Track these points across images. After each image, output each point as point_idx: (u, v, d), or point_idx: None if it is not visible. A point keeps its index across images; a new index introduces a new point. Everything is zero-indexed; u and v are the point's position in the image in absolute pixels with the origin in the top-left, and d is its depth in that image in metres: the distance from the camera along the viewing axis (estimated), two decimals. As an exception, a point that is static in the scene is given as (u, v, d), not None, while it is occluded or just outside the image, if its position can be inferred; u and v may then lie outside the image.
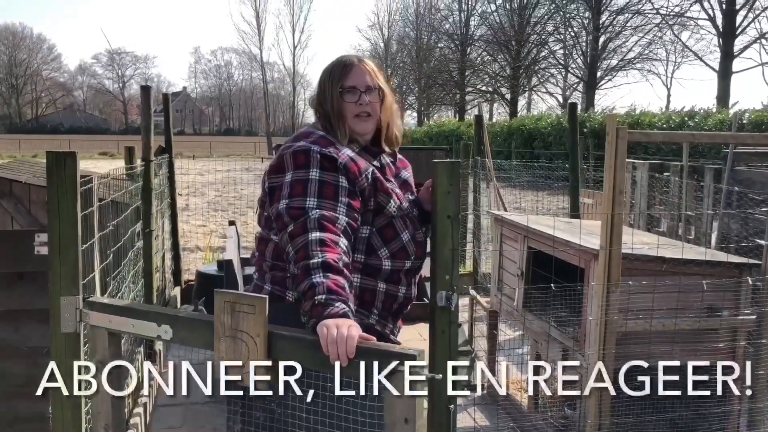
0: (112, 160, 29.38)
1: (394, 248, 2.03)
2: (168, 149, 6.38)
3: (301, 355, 1.76)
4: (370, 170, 2.00)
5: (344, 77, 2.05)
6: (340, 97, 2.04)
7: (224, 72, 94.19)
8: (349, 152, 1.99)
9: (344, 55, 2.11)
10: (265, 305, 1.74)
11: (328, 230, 1.80)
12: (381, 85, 2.09)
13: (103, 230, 3.48)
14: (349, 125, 2.04)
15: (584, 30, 36.98)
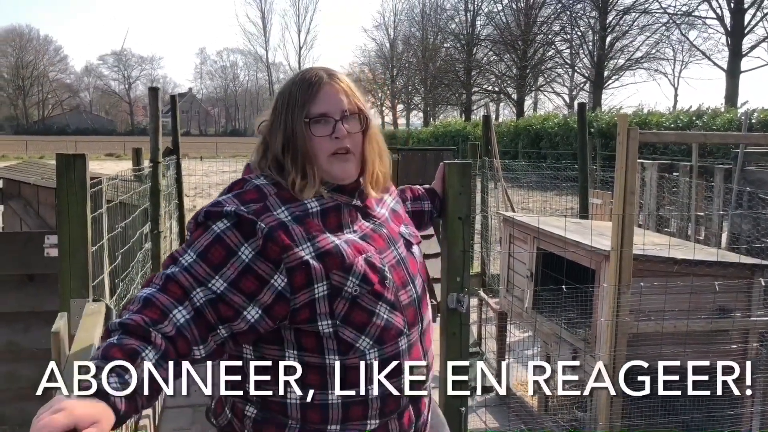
0: (119, 161, 29.48)
1: (375, 333, 1.43)
2: (175, 150, 6.39)
3: None
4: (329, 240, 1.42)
5: (311, 101, 1.45)
6: (306, 130, 1.44)
7: (230, 73, 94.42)
8: (295, 210, 1.43)
9: (308, 70, 1.51)
10: None
11: (168, 291, 1.31)
12: (361, 107, 1.50)
13: (112, 232, 3.48)
14: (324, 168, 1.46)
15: (591, 29, 36.90)
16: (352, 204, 1.51)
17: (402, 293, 1.48)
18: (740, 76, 29.26)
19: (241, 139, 69.22)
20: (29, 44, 78.69)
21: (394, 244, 1.53)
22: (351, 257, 1.41)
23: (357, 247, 1.44)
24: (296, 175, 1.45)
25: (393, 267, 1.48)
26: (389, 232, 1.54)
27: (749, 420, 3.42)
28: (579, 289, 3.53)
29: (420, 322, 1.51)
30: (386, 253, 1.49)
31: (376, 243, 1.49)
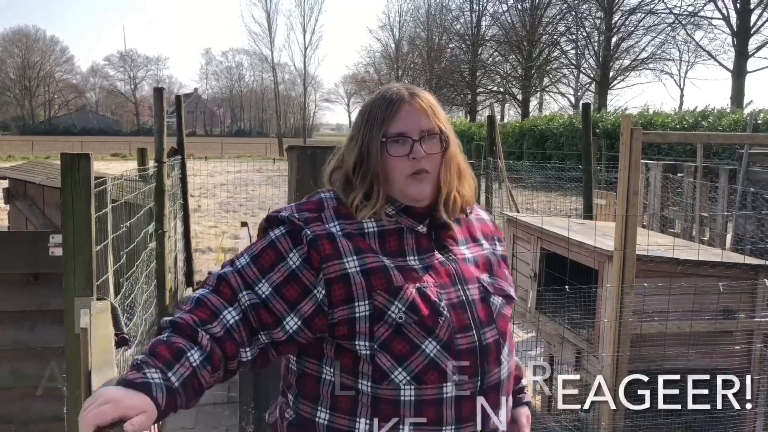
0: (124, 162, 29.57)
1: (416, 367, 1.34)
2: (180, 150, 6.41)
3: None
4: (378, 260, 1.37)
5: (389, 120, 1.41)
6: (382, 149, 1.40)
7: (235, 73, 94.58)
8: (348, 226, 1.40)
9: (389, 87, 1.47)
10: None
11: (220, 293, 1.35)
12: (442, 127, 1.43)
13: (117, 231, 3.50)
14: (399, 189, 1.41)
15: (596, 30, 36.85)
16: (417, 229, 1.43)
17: (460, 337, 1.35)
18: (746, 76, 29.18)
19: (246, 139, 69.36)
20: (35, 45, 79.00)
21: (462, 284, 1.40)
22: (400, 281, 1.35)
23: (413, 275, 1.36)
24: (360, 193, 1.41)
25: (453, 306, 1.37)
26: (462, 271, 1.41)
27: (753, 420, 3.42)
28: (582, 289, 3.53)
29: (480, 376, 1.36)
30: (449, 289, 1.38)
31: (439, 277, 1.39)
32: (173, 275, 5.80)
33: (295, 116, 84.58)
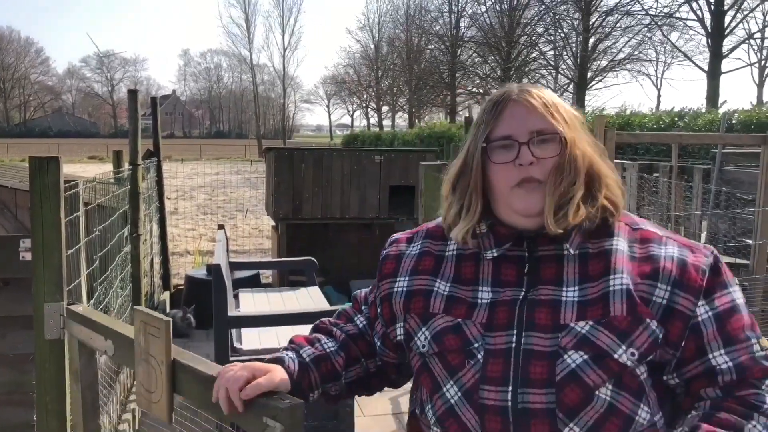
0: (102, 164, 29.25)
1: (438, 409, 1.20)
2: (156, 153, 6.35)
3: (195, 392, 1.41)
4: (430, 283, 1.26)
5: (494, 122, 1.21)
6: (483, 156, 1.21)
7: (214, 74, 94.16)
8: (432, 246, 1.31)
9: (502, 86, 1.27)
10: (167, 328, 1.46)
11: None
12: (560, 127, 1.18)
13: (90, 235, 3.45)
14: (504, 201, 1.21)
15: (574, 31, 37.12)
16: (509, 254, 1.21)
17: (487, 389, 1.13)
18: (721, 77, 29.56)
19: (225, 141, 69.03)
20: (10, 46, 78.01)
21: (522, 329, 1.15)
22: (437, 309, 1.22)
23: (461, 309, 1.20)
24: (454, 210, 1.24)
25: (492, 352, 1.15)
26: (532, 315, 1.15)
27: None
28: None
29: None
30: (498, 333, 1.16)
31: (495, 316, 1.17)
32: (149, 279, 5.75)
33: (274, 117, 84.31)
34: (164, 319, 1.47)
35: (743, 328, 1.15)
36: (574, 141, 1.19)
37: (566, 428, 1.10)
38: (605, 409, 1.10)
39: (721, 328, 1.13)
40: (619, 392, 1.11)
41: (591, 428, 1.10)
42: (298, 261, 5.62)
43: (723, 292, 1.16)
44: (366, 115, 69.00)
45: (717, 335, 1.13)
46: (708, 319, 1.14)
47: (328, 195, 6.89)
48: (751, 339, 1.14)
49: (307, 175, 6.83)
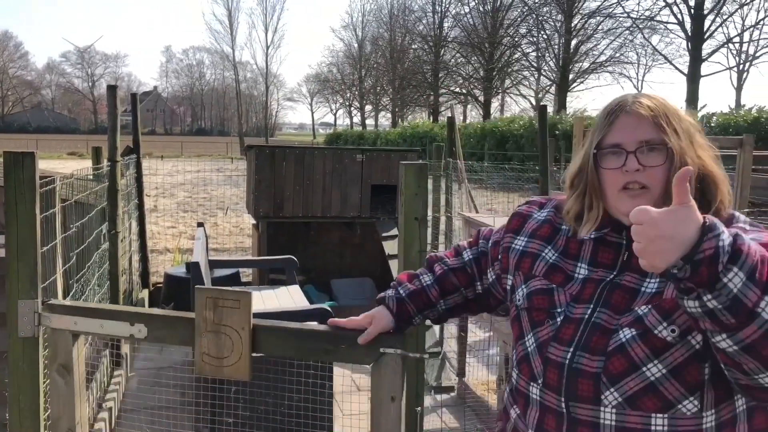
0: (81, 160, 28.96)
1: (519, 354, 1.43)
2: (136, 149, 6.30)
3: (286, 346, 1.84)
4: (542, 249, 1.45)
5: (607, 130, 1.34)
6: (594, 161, 1.35)
7: (196, 71, 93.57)
8: (543, 215, 1.52)
9: (620, 95, 1.39)
10: (249, 300, 1.81)
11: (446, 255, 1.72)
12: (668, 138, 1.29)
13: (67, 232, 3.42)
14: (612, 204, 1.35)
15: (557, 33, 37.37)
16: (609, 239, 1.36)
17: (555, 347, 1.32)
18: (700, 80, 29.91)
19: (207, 138, 68.58)
20: (-12, 40, 76.90)
21: (598, 306, 1.31)
22: (539, 272, 1.42)
23: (559, 277, 1.38)
24: (575, 205, 1.40)
25: (569, 319, 1.33)
26: (611, 297, 1.30)
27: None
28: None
29: (565, 397, 1.29)
30: (581, 305, 1.33)
31: (583, 291, 1.34)
32: (128, 276, 5.70)
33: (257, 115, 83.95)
34: (245, 291, 1.83)
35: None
36: (684, 150, 1.29)
37: (607, 391, 1.25)
38: (646, 385, 1.22)
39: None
40: (669, 378, 1.21)
41: (629, 398, 1.23)
42: (278, 260, 5.59)
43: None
44: (349, 114, 68.98)
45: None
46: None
47: (309, 193, 6.87)
48: None
49: (288, 174, 6.81)
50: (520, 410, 1.41)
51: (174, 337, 1.95)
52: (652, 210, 1.05)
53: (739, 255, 1.01)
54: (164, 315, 1.98)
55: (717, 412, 1.22)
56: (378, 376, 1.78)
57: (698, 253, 1.02)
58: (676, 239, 1.03)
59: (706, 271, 1.02)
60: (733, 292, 1.01)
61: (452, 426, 3.87)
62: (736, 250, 1.02)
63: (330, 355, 1.79)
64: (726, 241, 1.02)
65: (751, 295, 1.01)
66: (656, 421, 1.22)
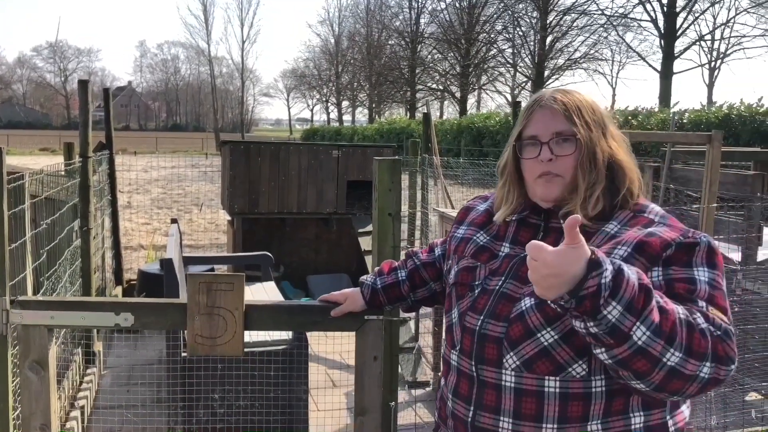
0: (54, 156, 28.53)
1: (447, 324, 1.60)
2: (108, 145, 6.22)
3: (278, 321, 2.10)
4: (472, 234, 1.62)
5: (525, 123, 1.50)
6: (514, 152, 1.52)
7: (171, 66, 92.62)
8: (484, 206, 1.67)
9: (539, 92, 1.56)
10: (242, 282, 1.99)
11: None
12: (578, 130, 1.43)
13: (37, 228, 3.37)
14: (531, 189, 1.51)
15: (532, 29, 37.59)
16: (529, 221, 1.51)
17: (470, 316, 1.48)
18: (673, 77, 30.28)
19: (182, 134, 67.91)
20: (-43, 33, 75.40)
21: (508, 278, 1.45)
22: (468, 253, 1.57)
23: (485, 256, 1.53)
24: (499, 193, 1.58)
25: (485, 291, 1.48)
26: (521, 267, 1.43)
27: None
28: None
29: (475, 361, 1.44)
30: (497, 278, 1.47)
31: (502, 265, 1.48)
32: (101, 273, 5.64)
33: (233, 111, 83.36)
34: (239, 274, 2.01)
35: (690, 291, 1.28)
36: (594, 141, 1.44)
37: (508, 355, 1.39)
38: (540, 350, 1.35)
39: (669, 286, 1.28)
40: (560, 343, 1.34)
41: (526, 361, 1.37)
42: (253, 256, 5.57)
43: (684, 267, 1.31)
44: (326, 109, 68.75)
45: (662, 290, 1.27)
46: (657, 282, 1.29)
47: (285, 189, 6.85)
48: (696, 302, 1.26)
49: (263, 169, 6.78)
50: (444, 376, 1.56)
51: (163, 323, 2.12)
52: (545, 249, 1.16)
53: (618, 290, 1.14)
54: (152, 302, 2.09)
55: (607, 379, 1.33)
56: (363, 340, 2.05)
57: (583, 289, 1.14)
58: (565, 277, 1.15)
59: (589, 304, 1.14)
60: (611, 322, 1.15)
61: (427, 420, 3.89)
62: (616, 285, 1.14)
63: (318, 326, 2.05)
64: (608, 278, 1.14)
65: (627, 323, 1.15)
66: (549, 383, 1.34)
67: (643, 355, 1.17)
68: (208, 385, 3.46)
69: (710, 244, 1.34)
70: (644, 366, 1.18)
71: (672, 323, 1.17)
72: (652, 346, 1.16)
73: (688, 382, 1.20)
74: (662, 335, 1.16)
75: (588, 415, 1.34)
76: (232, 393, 3.48)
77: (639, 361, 1.18)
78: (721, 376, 1.22)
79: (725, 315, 1.27)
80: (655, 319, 1.16)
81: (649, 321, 1.16)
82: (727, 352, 1.21)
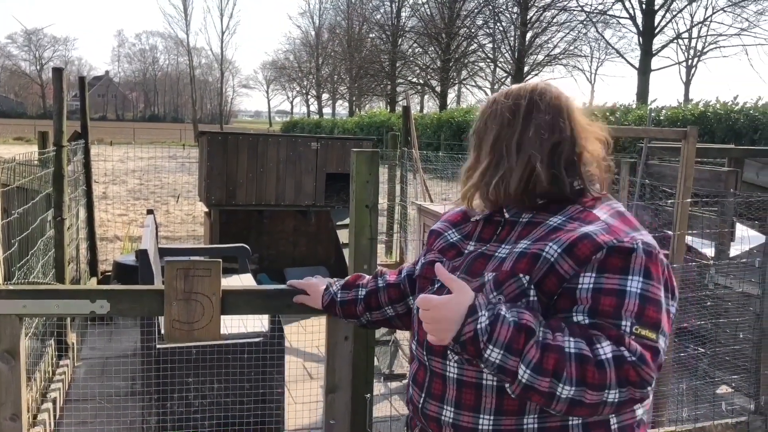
0: (29, 145, 28.11)
1: (412, 310, 1.71)
2: (84, 134, 6.14)
3: (254, 306, 2.15)
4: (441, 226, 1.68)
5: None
6: None
7: (149, 56, 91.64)
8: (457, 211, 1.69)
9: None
10: (219, 268, 2.04)
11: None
12: (475, 128, 1.57)
13: (8, 218, 3.32)
14: None
15: (512, 25, 37.68)
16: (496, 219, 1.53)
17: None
18: (651, 74, 30.55)
19: (160, 124, 67.13)
20: (-71, 19, 73.85)
21: (462, 271, 1.48)
22: (436, 247, 1.61)
23: (451, 253, 1.57)
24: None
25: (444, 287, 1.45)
26: (471, 264, 1.48)
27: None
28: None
29: (426, 351, 1.50)
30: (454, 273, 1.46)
31: (462, 261, 1.52)
32: (75, 264, 5.57)
33: (211, 102, 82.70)
34: (214, 261, 2.05)
35: (615, 307, 1.28)
36: (490, 130, 1.51)
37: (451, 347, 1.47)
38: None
39: (596, 300, 1.29)
40: None
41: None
42: (230, 248, 5.54)
43: (617, 275, 1.30)
44: (306, 102, 68.47)
45: (587, 302, 1.30)
46: (586, 289, 1.31)
47: (263, 181, 6.81)
48: (620, 319, 1.27)
49: (241, 161, 6.73)
50: (410, 365, 1.64)
51: (140, 309, 2.14)
52: (433, 299, 1.30)
53: (492, 335, 1.24)
54: (128, 289, 2.10)
55: None
56: (334, 320, 2.11)
57: (462, 335, 1.26)
58: (447, 323, 1.27)
59: (472, 348, 1.26)
60: (496, 363, 1.25)
61: (403, 412, 3.90)
62: (492, 329, 1.24)
63: (292, 309, 2.06)
64: (483, 324, 1.25)
65: (511, 362, 1.24)
66: (487, 377, 1.39)
67: (533, 390, 1.24)
68: (183, 377, 3.44)
69: (648, 250, 1.33)
70: (540, 399, 1.25)
71: (556, 360, 1.21)
72: (536, 383, 1.22)
73: (594, 408, 1.23)
74: (545, 373, 1.21)
75: (524, 409, 1.36)
76: (207, 385, 3.46)
77: (533, 396, 1.25)
78: (637, 396, 1.24)
79: (654, 331, 1.27)
80: (534, 358, 1.22)
81: (528, 360, 1.22)
82: (642, 376, 1.23)
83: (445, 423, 1.44)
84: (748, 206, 4.75)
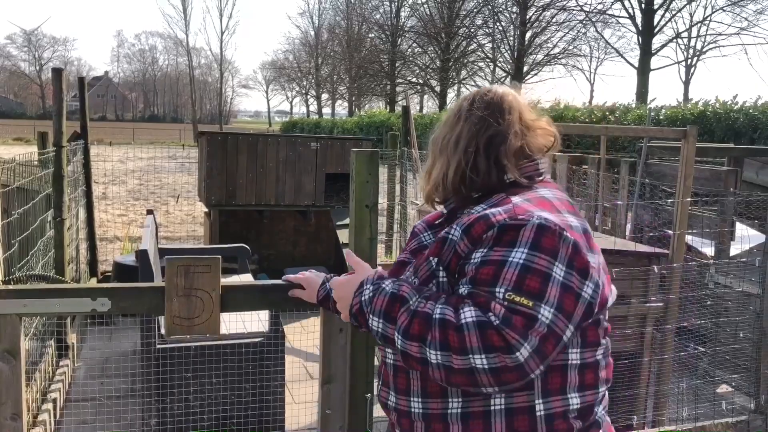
0: (28, 146, 28.11)
1: None
2: (84, 135, 6.14)
3: (252, 301, 2.19)
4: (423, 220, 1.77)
5: None
6: None
7: (149, 56, 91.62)
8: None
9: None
10: (218, 264, 2.08)
11: None
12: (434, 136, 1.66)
13: (8, 218, 3.32)
14: None
15: (512, 24, 37.66)
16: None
17: None
18: (650, 74, 30.53)
19: (159, 125, 67.15)
20: (-72, 20, 73.77)
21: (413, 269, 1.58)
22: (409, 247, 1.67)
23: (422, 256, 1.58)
24: None
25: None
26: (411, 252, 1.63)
27: (644, 400, 3.60)
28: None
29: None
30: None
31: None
32: (75, 265, 5.57)
33: (211, 102, 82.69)
34: (214, 257, 2.09)
35: (493, 276, 1.31)
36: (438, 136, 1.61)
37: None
38: None
39: (477, 270, 1.35)
40: None
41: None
42: (229, 248, 5.53)
43: (504, 248, 1.34)
44: (306, 102, 68.45)
45: (471, 274, 1.36)
46: (474, 263, 1.37)
47: (262, 181, 6.80)
48: (494, 286, 1.30)
49: (241, 161, 6.73)
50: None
51: (141, 306, 2.19)
52: (338, 280, 1.60)
53: (372, 305, 1.41)
54: (129, 286, 2.13)
55: None
56: (329, 313, 2.11)
57: (352, 308, 1.47)
58: (347, 300, 1.52)
59: (362, 319, 1.45)
60: (379, 332, 1.40)
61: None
62: (372, 302, 1.41)
63: (289, 303, 2.08)
64: (366, 296, 1.44)
65: (390, 331, 1.38)
66: None
67: (409, 357, 1.34)
68: (183, 377, 3.44)
69: (543, 225, 1.33)
70: (417, 365, 1.35)
71: (420, 325, 1.31)
72: (408, 347, 1.33)
73: (467, 375, 1.27)
74: (412, 337, 1.32)
75: (447, 393, 1.42)
76: (207, 385, 3.46)
77: (410, 362, 1.36)
78: (509, 363, 1.23)
79: (533, 299, 1.27)
80: (403, 324, 1.34)
81: (398, 325, 1.35)
82: (508, 340, 1.23)
83: (390, 407, 1.54)
84: (747, 205, 4.75)
